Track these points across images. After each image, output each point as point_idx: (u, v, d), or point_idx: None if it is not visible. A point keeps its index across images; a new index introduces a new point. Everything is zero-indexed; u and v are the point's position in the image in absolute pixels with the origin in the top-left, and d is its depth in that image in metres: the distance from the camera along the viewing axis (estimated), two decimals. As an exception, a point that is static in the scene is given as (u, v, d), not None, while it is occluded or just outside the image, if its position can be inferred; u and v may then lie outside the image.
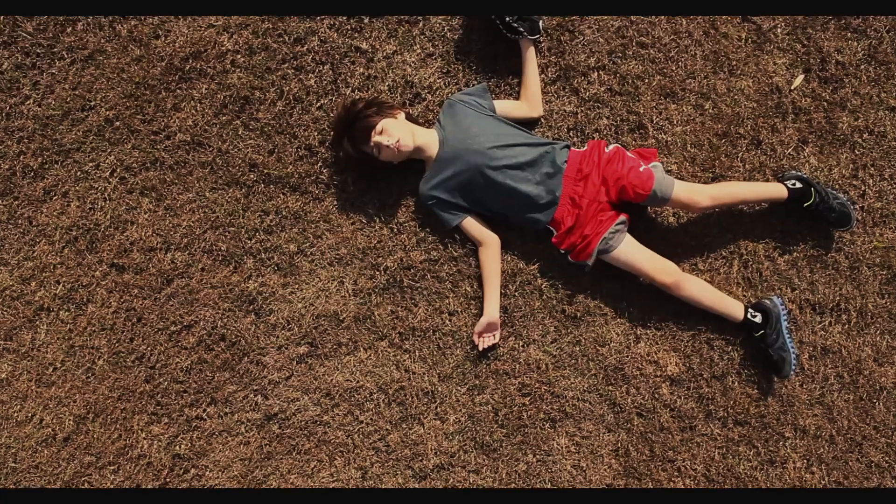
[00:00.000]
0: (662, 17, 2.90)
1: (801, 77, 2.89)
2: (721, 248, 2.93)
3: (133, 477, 2.98)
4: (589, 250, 2.73)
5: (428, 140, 2.77)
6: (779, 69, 2.90)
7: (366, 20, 2.91)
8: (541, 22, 2.81)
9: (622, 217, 2.75)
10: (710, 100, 2.90)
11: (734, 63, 2.89)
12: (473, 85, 2.89)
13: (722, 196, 2.75)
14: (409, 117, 2.83)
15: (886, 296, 2.91)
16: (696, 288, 2.81)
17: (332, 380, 2.96)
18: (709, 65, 2.90)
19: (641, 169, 2.70)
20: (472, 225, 2.84)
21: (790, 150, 2.90)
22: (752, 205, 2.90)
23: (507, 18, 2.73)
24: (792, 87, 2.89)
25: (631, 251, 2.75)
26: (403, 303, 2.94)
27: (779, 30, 2.90)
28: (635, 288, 2.90)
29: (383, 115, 2.72)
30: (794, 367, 2.83)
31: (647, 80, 2.89)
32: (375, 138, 2.68)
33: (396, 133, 2.67)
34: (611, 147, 2.78)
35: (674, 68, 2.89)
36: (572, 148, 2.80)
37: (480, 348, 2.90)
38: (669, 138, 2.90)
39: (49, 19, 2.94)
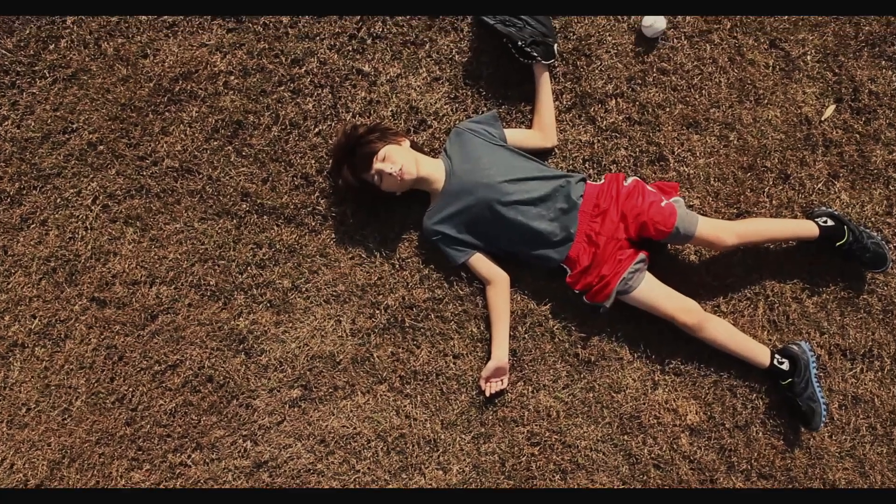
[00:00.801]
0: (685, 42, 2.72)
1: (832, 107, 2.72)
2: (745, 288, 2.75)
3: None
4: (607, 291, 2.55)
5: (433, 170, 2.60)
6: (808, 99, 2.72)
7: (368, 41, 2.74)
8: (556, 46, 2.64)
9: (641, 255, 2.57)
10: (735, 130, 2.73)
11: (761, 92, 2.72)
12: (483, 112, 2.72)
13: (749, 234, 2.58)
14: (414, 145, 2.66)
15: (922, 342, 2.73)
16: (720, 330, 2.63)
17: (327, 426, 2.76)
18: (734, 93, 2.72)
19: (663, 204, 2.53)
20: (479, 262, 2.66)
21: (820, 184, 2.72)
22: (780, 243, 2.71)
23: (520, 42, 2.56)
24: (822, 118, 2.72)
25: (651, 291, 2.58)
26: (405, 344, 2.75)
27: (808, 57, 2.72)
28: (653, 330, 2.71)
29: (386, 141, 2.55)
30: (823, 419, 2.64)
31: (668, 109, 2.72)
32: (377, 165, 2.50)
33: (400, 160, 2.50)
34: (629, 180, 2.60)
35: (697, 97, 2.72)
36: (588, 181, 2.62)
37: (487, 394, 2.71)
38: (692, 171, 2.72)
39: (30, 35, 2.76)
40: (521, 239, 2.58)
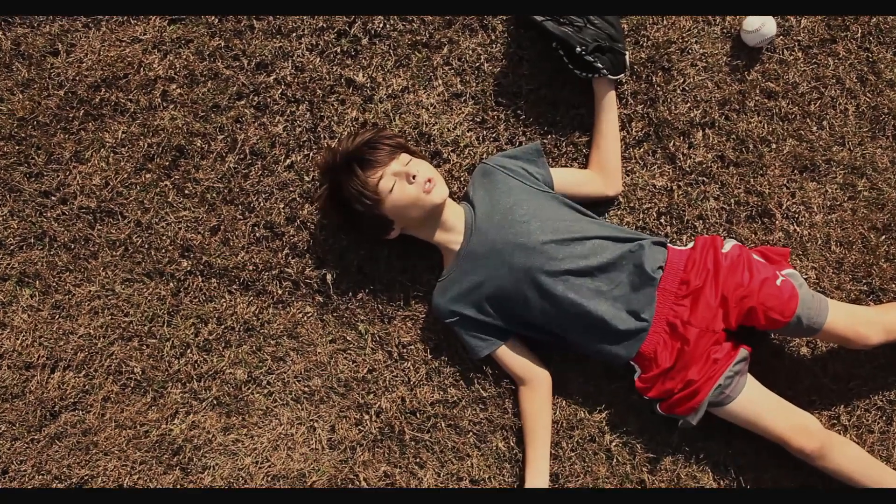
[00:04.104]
0: (799, 54, 2.03)
1: None
2: (876, 394, 2.04)
3: None
4: (694, 403, 1.84)
5: (454, 219, 1.93)
6: (964, 136, 2.05)
7: (364, 41, 2.06)
8: (627, 55, 1.94)
9: (743, 351, 1.87)
10: (866, 177, 2.05)
11: (902, 125, 2.05)
12: (521, 143, 2.04)
13: (900, 328, 1.87)
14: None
15: None
16: (849, 458, 1.91)
17: (291, 572, 2.03)
18: (865, 126, 2.05)
19: (779, 282, 1.82)
20: (510, 354, 1.97)
21: (980, 253, 2.04)
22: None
23: (579, 48, 1.85)
24: (984, 163, 2.03)
25: (755, 403, 1.87)
26: (404, 462, 2.06)
27: (965, 79, 2.03)
28: (747, 448, 2.01)
29: (412, 153, 1.93)
30: None
31: (775, 146, 2.04)
32: (396, 167, 1.83)
33: (427, 170, 1.86)
34: (729, 245, 1.90)
35: (814, 129, 2.05)
36: (670, 245, 1.93)
37: (518, 536, 1.97)
38: (805, 232, 2.04)
39: None
40: (572, 325, 1.88)
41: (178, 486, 2.05)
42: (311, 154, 2.05)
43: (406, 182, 1.83)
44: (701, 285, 1.82)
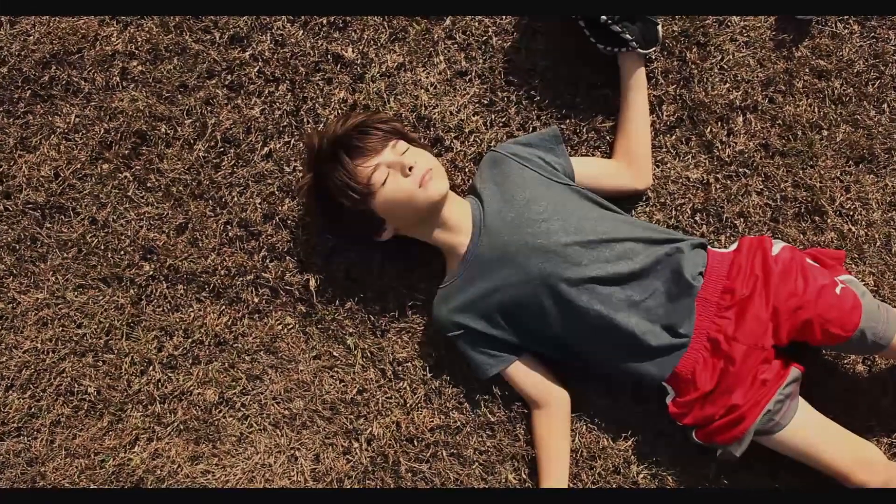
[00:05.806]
0: (855, 27, 1.81)
1: None
2: None
3: None
4: (738, 431, 1.60)
5: (457, 217, 1.71)
6: None
7: None
8: (660, 27, 1.71)
9: (795, 370, 1.63)
10: None
11: (972, 110, 1.83)
12: (535, 129, 1.83)
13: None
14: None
15: None
16: None
17: None
18: None
19: (838, 290, 1.59)
20: (523, 372, 1.75)
21: None
22: None
23: (604, 17, 1.62)
24: None
25: (809, 431, 1.63)
26: None
27: None
28: (793, 480, 1.79)
29: (409, 140, 1.71)
30: None
31: (827, 133, 1.83)
32: (390, 156, 1.63)
33: (426, 161, 1.65)
34: (779, 247, 1.67)
35: (872, 114, 1.83)
36: (710, 248, 1.70)
37: (531, 583, 1.75)
38: (862, 231, 1.82)
39: None
40: (596, 340, 1.65)
41: (139, 524, 1.84)
42: (292, 141, 1.85)
43: (401, 174, 1.61)
44: (749, 294, 1.57)
